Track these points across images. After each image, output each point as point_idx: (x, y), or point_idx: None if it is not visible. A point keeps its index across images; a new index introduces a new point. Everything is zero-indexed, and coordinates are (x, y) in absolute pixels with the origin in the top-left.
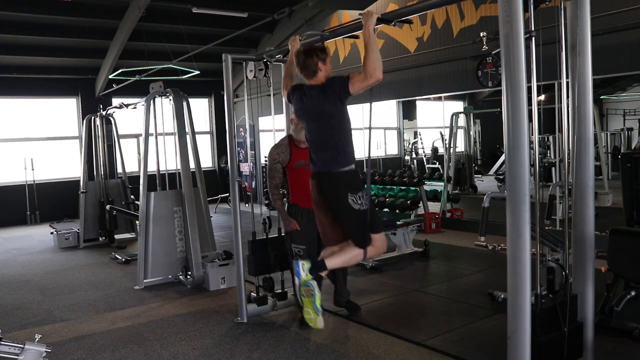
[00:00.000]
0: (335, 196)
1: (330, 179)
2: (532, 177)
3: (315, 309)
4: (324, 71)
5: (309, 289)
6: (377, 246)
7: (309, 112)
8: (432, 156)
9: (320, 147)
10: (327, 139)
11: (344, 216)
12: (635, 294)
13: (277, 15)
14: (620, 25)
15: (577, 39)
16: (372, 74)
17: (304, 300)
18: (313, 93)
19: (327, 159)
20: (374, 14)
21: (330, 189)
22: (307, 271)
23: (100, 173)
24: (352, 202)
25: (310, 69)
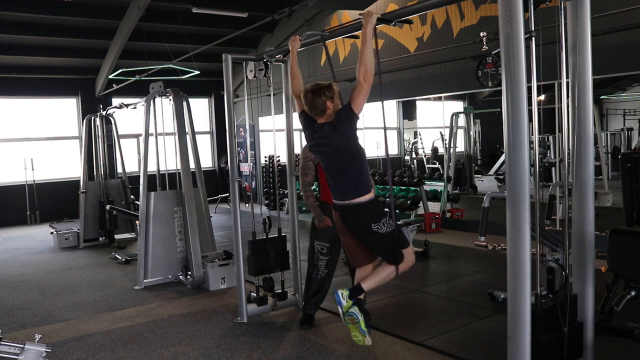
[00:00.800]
0: (359, 228)
1: (351, 212)
2: (532, 177)
3: (362, 332)
4: (332, 108)
5: (352, 318)
6: (407, 260)
7: (322, 149)
8: (432, 156)
9: (337, 178)
10: (342, 170)
11: (371, 242)
12: (635, 294)
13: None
14: (620, 25)
15: (577, 39)
16: (366, 76)
17: (349, 327)
18: (324, 132)
19: (345, 190)
20: (374, 14)
21: (353, 222)
22: (346, 298)
23: (100, 173)
24: (376, 228)
25: (319, 109)
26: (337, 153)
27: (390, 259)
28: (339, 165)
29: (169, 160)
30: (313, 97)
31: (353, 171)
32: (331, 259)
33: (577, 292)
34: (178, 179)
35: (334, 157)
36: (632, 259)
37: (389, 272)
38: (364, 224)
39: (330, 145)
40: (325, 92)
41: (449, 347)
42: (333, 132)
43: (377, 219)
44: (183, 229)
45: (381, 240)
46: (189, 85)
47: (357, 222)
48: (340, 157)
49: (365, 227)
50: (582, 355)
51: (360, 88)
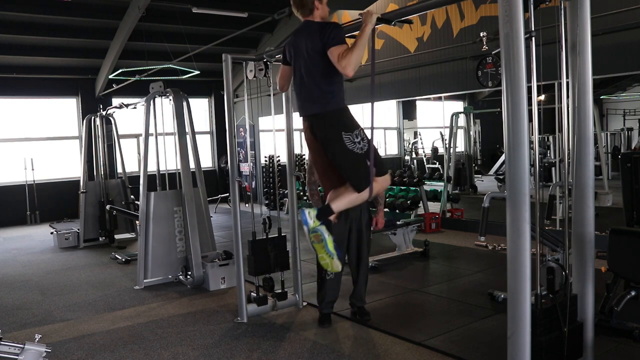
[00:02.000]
0: (329, 137)
1: (320, 119)
2: (532, 177)
3: (328, 252)
4: (321, 10)
5: (317, 235)
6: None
7: (303, 47)
8: (432, 156)
9: (310, 87)
10: (318, 78)
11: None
12: (635, 294)
13: (277, 15)
14: (620, 25)
15: (577, 39)
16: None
17: (315, 247)
18: (308, 29)
19: (317, 99)
20: (374, 14)
21: (323, 130)
22: (314, 218)
23: (100, 173)
24: (347, 140)
25: (307, 7)
26: (315, 54)
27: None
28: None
29: (169, 160)
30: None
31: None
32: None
33: (577, 292)
34: (178, 179)
35: (310, 59)
36: (632, 259)
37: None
38: (334, 131)
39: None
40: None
41: (449, 347)
42: (317, 32)
43: (349, 128)
44: (183, 229)
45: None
46: (189, 85)
47: (327, 129)
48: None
49: (335, 134)
50: (582, 355)
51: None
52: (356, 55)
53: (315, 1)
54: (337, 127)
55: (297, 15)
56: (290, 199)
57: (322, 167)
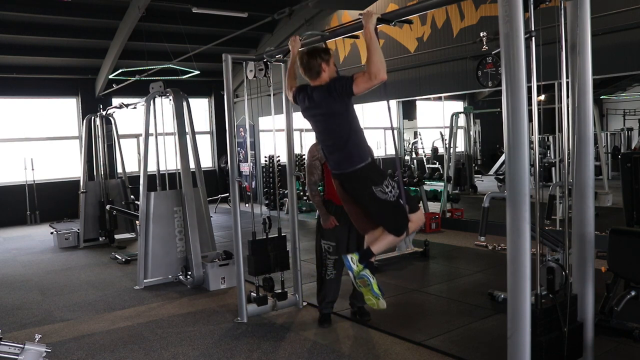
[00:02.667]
0: (361, 193)
1: (350, 178)
2: (532, 177)
3: (375, 294)
4: (328, 72)
5: (364, 280)
6: (415, 220)
7: (315, 113)
8: (432, 156)
9: (333, 148)
10: (337, 139)
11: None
12: (635, 294)
13: (277, 15)
14: (620, 25)
15: (577, 39)
16: (377, 75)
17: (362, 290)
18: (318, 94)
19: (342, 160)
20: (374, 14)
21: (353, 187)
22: (356, 263)
23: (100, 173)
24: (379, 193)
25: (314, 70)
26: (331, 116)
27: (394, 229)
28: (333, 136)
29: (169, 160)
30: (309, 58)
31: (347, 138)
32: (338, 259)
33: (577, 292)
34: (178, 179)
35: (327, 122)
36: (632, 259)
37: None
38: (364, 187)
39: (324, 108)
40: (321, 54)
41: (449, 347)
42: (327, 94)
43: (378, 182)
44: (183, 229)
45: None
46: (189, 85)
47: (357, 186)
48: (334, 122)
49: (366, 190)
50: (582, 355)
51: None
52: (378, 58)
53: (323, 64)
54: (367, 183)
55: (305, 78)
56: (290, 199)
57: (356, 215)
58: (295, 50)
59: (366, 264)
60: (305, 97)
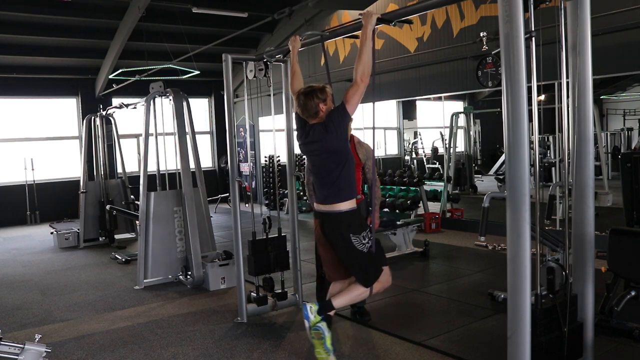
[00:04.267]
0: (338, 238)
1: (331, 220)
2: (532, 177)
3: (327, 349)
4: (325, 111)
5: (318, 332)
6: (382, 281)
7: (312, 149)
8: (432, 156)
9: (323, 182)
10: (329, 174)
11: (348, 258)
12: (635, 294)
13: (277, 15)
14: (620, 25)
15: (577, 39)
16: (363, 79)
17: (314, 342)
18: (315, 132)
19: (329, 194)
20: (374, 14)
21: (333, 231)
22: (315, 313)
23: (100, 173)
24: (356, 243)
25: (312, 111)
26: (326, 153)
27: (362, 279)
28: (327, 168)
29: (169, 160)
30: (306, 99)
31: (338, 174)
32: None
33: (577, 292)
34: (178, 179)
35: (322, 158)
36: (632, 259)
37: (362, 291)
38: (342, 234)
39: (320, 145)
40: (317, 94)
41: (449, 347)
42: (324, 131)
43: (357, 231)
44: (183, 229)
45: (356, 258)
46: (189, 85)
47: (336, 230)
48: (328, 159)
49: (343, 237)
50: (582, 355)
51: (356, 88)
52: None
53: (320, 104)
54: (347, 230)
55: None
56: (290, 199)
57: (329, 261)
58: (296, 50)
59: (324, 316)
60: (304, 133)
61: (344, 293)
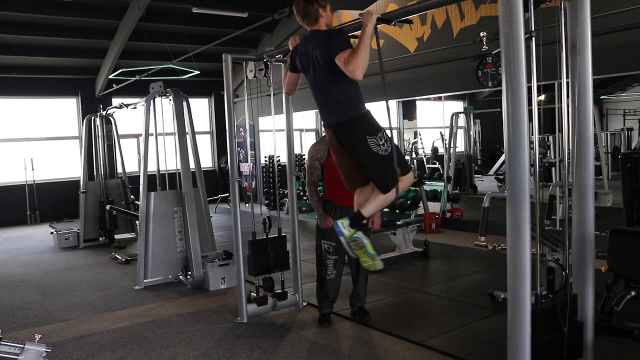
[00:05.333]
0: (354, 142)
1: (344, 127)
2: (532, 177)
3: (370, 255)
4: (325, 17)
5: (357, 243)
6: (405, 180)
7: (312, 58)
8: (432, 156)
9: (327, 98)
10: (332, 88)
11: (366, 162)
12: (635, 294)
13: (277, 15)
14: (620, 25)
15: (577, 39)
16: (354, 71)
17: (357, 253)
18: (317, 38)
19: (336, 109)
20: (374, 14)
21: (347, 135)
22: (347, 227)
23: (100, 173)
24: (372, 144)
25: (312, 16)
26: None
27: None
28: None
29: (169, 160)
30: (305, 4)
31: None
32: (338, 259)
33: (577, 292)
34: (178, 179)
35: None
36: (632, 259)
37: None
38: (358, 136)
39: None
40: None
41: (449, 347)
42: (325, 42)
43: (373, 132)
44: (183, 229)
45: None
46: (189, 85)
47: (351, 134)
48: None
49: (360, 139)
50: (582, 355)
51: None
52: (361, 58)
53: (320, 9)
54: (361, 132)
55: (302, 25)
56: (290, 199)
57: (346, 170)
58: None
59: (358, 227)
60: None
61: (371, 200)
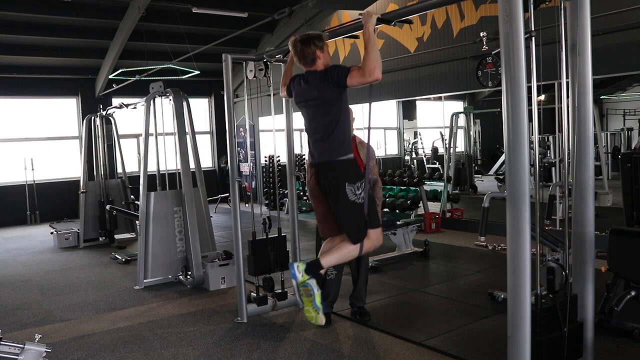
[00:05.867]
0: (333, 186)
1: (327, 168)
2: (532, 177)
3: (315, 307)
4: (323, 59)
5: (307, 289)
6: (372, 239)
7: (308, 97)
8: (432, 156)
9: (319, 135)
10: (325, 127)
11: (341, 208)
12: (635, 294)
13: (277, 15)
14: (620, 25)
15: (577, 39)
16: (371, 73)
17: (303, 299)
18: (313, 78)
19: (326, 149)
20: (374, 14)
21: (328, 179)
22: (302, 272)
23: (100, 173)
24: (349, 192)
25: (309, 58)
26: (323, 103)
27: (354, 233)
28: (321, 124)
29: (169, 160)
30: (303, 46)
31: (334, 128)
32: None
33: (577, 292)
34: (178, 179)
35: (319, 108)
36: (632, 259)
37: (351, 250)
38: (338, 181)
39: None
40: (315, 41)
41: (449, 347)
42: (322, 80)
43: (353, 180)
44: (183, 229)
45: (349, 209)
46: (189, 85)
47: (331, 178)
48: (325, 109)
49: (339, 184)
50: (582, 355)
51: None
52: (373, 58)
53: (317, 51)
54: (342, 178)
55: (300, 66)
56: (290, 199)
57: (322, 215)
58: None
59: (313, 275)
60: (301, 80)
61: (333, 251)
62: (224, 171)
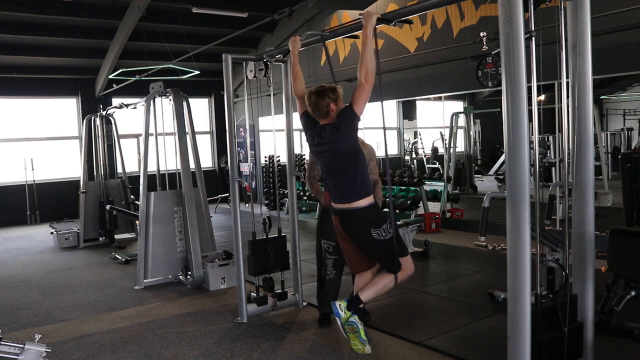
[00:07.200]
0: (359, 233)
1: (351, 216)
2: (532, 177)
3: (362, 340)
4: (336, 111)
5: (352, 327)
6: (406, 269)
7: (323, 150)
8: (432, 156)
9: (338, 182)
10: (343, 174)
11: (370, 248)
12: (635, 294)
13: (277, 15)
14: (620, 25)
15: (577, 39)
16: (367, 79)
17: (349, 336)
18: (327, 133)
19: (346, 193)
20: (374, 14)
21: (353, 226)
22: (344, 310)
23: (100, 173)
24: (376, 235)
25: (323, 110)
26: (338, 154)
27: (389, 266)
28: (340, 168)
29: (169, 160)
30: (317, 99)
31: (353, 173)
32: (338, 258)
33: (577, 292)
34: (178, 179)
35: (334, 159)
36: (632, 259)
37: (388, 282)
38: (363, 229)
39: (331, 146)
40: (329, 94)
41: (449, 347)
42: (335, 133)
43: (377, 225)
44: (183, 229)
45: (380, 247)
46: (189, 85)
47: (357, 227)
48: (341, 159)
49: (365, 232)
50: (582, 355)
51: (361, 89)
52: (367, 61)
53: (331, 104)
54: (366, 225)
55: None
56: (290, 199)
57: (352, 254)
58: (296, 51)
59: (354, 310)
60: (315, 134)
61: (370, 286)
62: (224, 171)
